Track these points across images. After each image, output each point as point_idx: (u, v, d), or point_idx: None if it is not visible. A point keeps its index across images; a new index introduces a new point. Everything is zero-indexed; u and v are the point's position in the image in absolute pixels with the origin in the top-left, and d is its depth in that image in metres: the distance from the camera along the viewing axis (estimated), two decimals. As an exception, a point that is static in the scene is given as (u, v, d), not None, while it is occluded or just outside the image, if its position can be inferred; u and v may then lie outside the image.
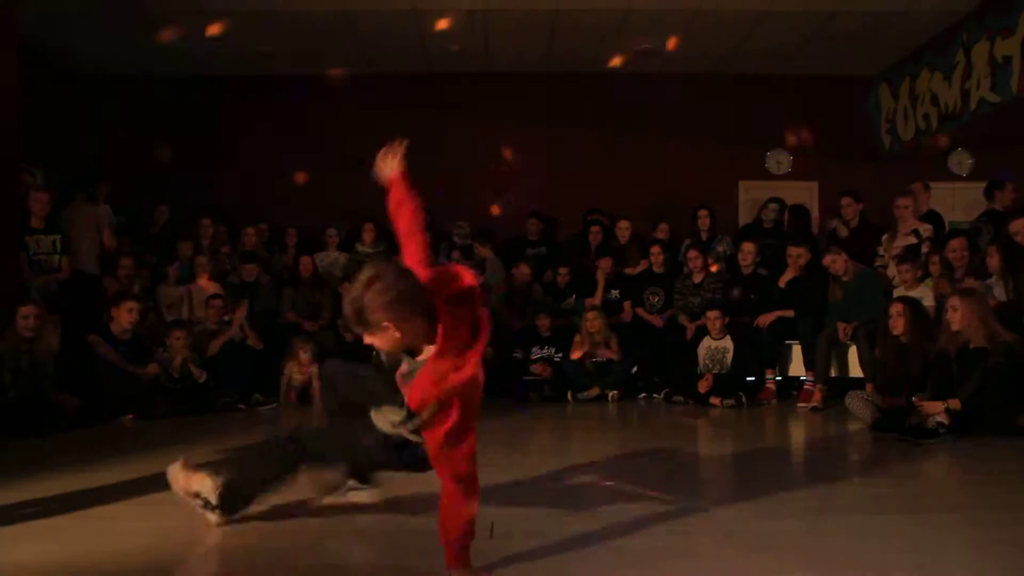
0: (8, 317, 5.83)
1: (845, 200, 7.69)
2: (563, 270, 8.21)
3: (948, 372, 5.11)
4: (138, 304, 6.53)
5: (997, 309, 5.52)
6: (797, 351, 7.01)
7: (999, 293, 5.91)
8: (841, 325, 6.62)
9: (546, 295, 8.19)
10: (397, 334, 2.34)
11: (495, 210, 8.61)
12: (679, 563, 2.53)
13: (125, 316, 6.41)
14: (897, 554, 2.65)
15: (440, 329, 2.31)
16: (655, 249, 7.99)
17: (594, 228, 8.67)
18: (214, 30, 7.09)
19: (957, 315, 5.15)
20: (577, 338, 7.39)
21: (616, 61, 8.18)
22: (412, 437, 2.47)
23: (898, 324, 5.54)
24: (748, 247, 7.46)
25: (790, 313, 7.04)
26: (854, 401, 5.58)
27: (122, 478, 3.83)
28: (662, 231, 8.56)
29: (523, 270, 8.11)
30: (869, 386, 6.06)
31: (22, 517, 3.14)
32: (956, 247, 6.33)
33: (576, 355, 7.33)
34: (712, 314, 6.99)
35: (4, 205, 6.39)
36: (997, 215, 7.17)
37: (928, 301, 6.17)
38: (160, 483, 3.02)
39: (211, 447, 4.90)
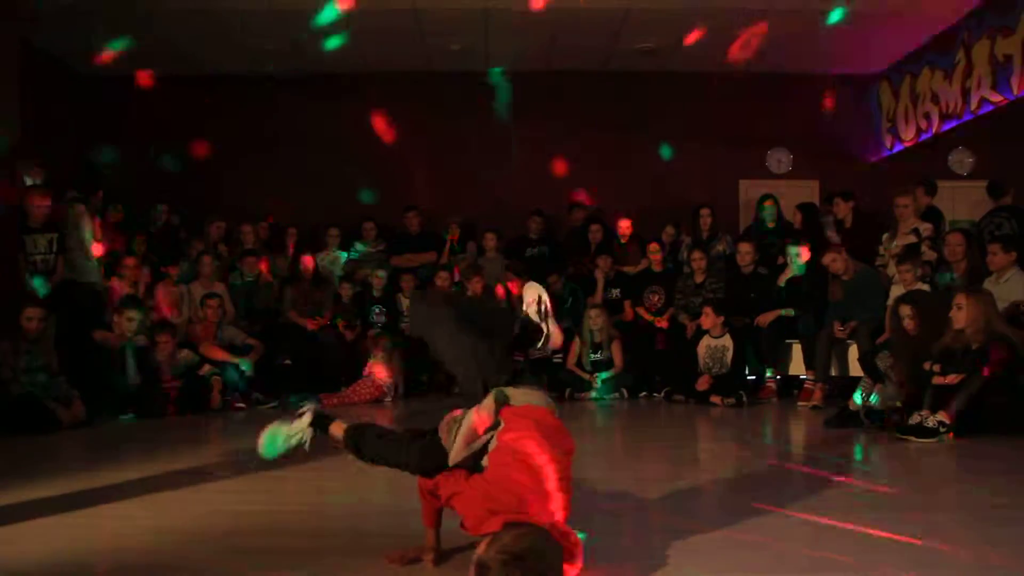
0: (7, 317, 5.82)
1: (836, 200, 7.68)
2: (553, 278, 7.82)
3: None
4: (139, 314, 6.54)
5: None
6: (797, 350, 7.01)
7: (1014, 288, 5.79)
8: (837, 324, 6.63)
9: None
10: None
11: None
12: (677, 562, 2.54)
13: (125, 325, 6.45)
14: (896, 554, 2.65)
15: None
16: (653, 247, 7.99)
17: (594, 226, 8.65)
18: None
19: (961, 314, 5.08)
20: (574, 344, 7.40)
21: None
22: None
23: (911, 325, 5.45)
24: (745, 247, 7.46)
25: (790, 312, 7.05)
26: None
27: (125, 477, 3.83)
28: (667, 234, 8.51)
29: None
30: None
31: (26, 516, 3.15)
32: (953, 243, 6.32)
33: (571, 361, 7.38)
34: (705, 310, 6.97)
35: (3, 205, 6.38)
36: (1019, 210, 7.10)
37: None
38: (163, 481, 3.02)
39: (211, 447, 4.91)
